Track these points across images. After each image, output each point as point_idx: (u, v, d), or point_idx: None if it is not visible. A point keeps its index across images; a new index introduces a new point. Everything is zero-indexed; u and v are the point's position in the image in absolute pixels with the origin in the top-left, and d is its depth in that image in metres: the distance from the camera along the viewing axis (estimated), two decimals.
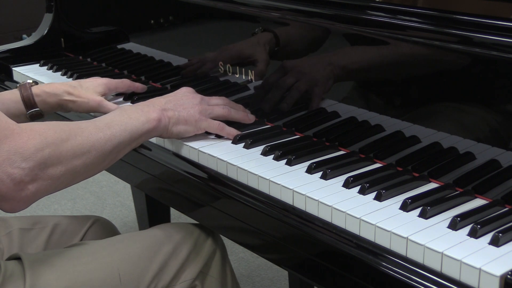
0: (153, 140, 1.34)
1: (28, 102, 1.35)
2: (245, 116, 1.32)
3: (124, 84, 1.50)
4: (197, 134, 1.29)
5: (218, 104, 1.30)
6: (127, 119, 1.15)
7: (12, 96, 1.36)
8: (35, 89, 1.37)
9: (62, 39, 1.95)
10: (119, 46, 1.79)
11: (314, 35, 1.29)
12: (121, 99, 1.53)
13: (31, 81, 1.41)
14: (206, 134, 1.30)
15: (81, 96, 1.39)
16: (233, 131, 1.28)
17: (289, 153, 1.18)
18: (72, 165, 1.04)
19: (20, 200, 1.00)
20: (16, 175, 0.97)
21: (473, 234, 0.91)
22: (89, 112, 1.43)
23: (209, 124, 1.27)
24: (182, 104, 1.25)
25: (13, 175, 0.97)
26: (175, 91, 1.30)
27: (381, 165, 1.16)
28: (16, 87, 1.38)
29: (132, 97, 1.52)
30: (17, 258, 1.15)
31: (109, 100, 1.47)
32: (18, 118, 1.35)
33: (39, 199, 1.03)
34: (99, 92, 1.42)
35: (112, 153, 1.11)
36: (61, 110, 1.42)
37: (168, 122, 1.21)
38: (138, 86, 1.52)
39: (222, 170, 1.19)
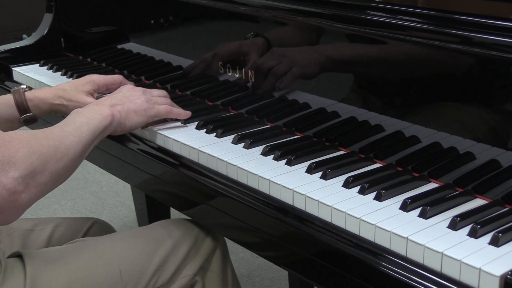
0: (153, 140, 1.34)
1: (22, 107, 1.36)
2: (182, 111, 1.37)
3: (115, 80, 1.48)
4: (195, 132, 1.30)
5: (160, 95, 1.36)
6: (87, 120, 1.17)
7: (5, 101, 1.36)
8: (28, 94, 1.38)
9: (62, 39, 1.96)
10: (119, 46, 1.79)
11: (306, 39, 1.29)
12: None
13: (24, 86, 1.42)
14: (204, 133, 1.30)
15: (71, 99, 1.39)
16: (181, 111, 1.35)
17: (289, 153, 1.18)
18: (55, 169, 1.06)
19: (14, 210, 1.01)
20: (10, 185, 0.98)
21: (473, 234, 0.91)
22: None
23: (158, 110, 1.32)
24: (127, 97, 1.30)
25: (8, 185, 0.98)
26: (117, 90, 1.35)
27: (381, 165, 1.16)
28: (10, 92, 1.38)
29: None
30: (18, 255, 1.15)
31: None
32: (12, 123, 1.36)
33: (28, 208, 1.04)
34: (87, 90, 1.42)
35: (81, 153, 1.13)
36: (54, 114, 1.43)
37: (120, 116, 1.24)
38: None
39: (222, 170, 1.20)
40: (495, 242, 0.89)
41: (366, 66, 1.21)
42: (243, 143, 1.25)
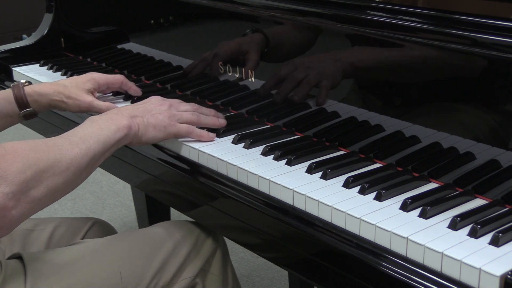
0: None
1: (21, 102, 1.35)
2: (215, 121, 1.30)
3: (116, 80, 1.46)
4: None
5: (188, 110, 1.28)
6: (99, 130, 1.12)
7: (5, 96, 1.35)
8: (27, 89, 1.36)
9: (62, 39, 1.96)
10: (119, 46, 1.79)
11: (303, 37, 1.28)
12: (121, 100, 1.53)
13: (24, 81, 1.40)
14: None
15: (71, 96, 1.37)
16: (204, 133, 1.26)
17: (289, 153, 1.18)
18: (53, 185, 1.02)
19: (3, 226, 0.97)
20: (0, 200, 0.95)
21: (473, 234, 0.91)
22: (82, 112, 1.42)
23: (179, 129, 1.24)
24: (150, 110, 1.23)
25: None
26: (144, 100, 1.29)
27: (381, 165, 1.16)
28: (10, 88, 1.38)
29: (132, 97, 1.51)
30: (18, 257, 1.15)
31: (109, 101, 1.47)
32: (11, 118, 1.35)
33: (22, 222, 1.01)
34: (88, 88, 1.40)
35: (88, 166, 1.09)
36: (54, 109, 1.42)
37: (137, 129, 1.19)
38: (131, 87, 1.49)
39: (222, 170, 1.20)
40: (495, 242, 0.89)
41: (370, 65, 1.21)
42: (243, 143, 1.25)
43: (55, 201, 1.06)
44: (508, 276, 0.82)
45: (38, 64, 1.85)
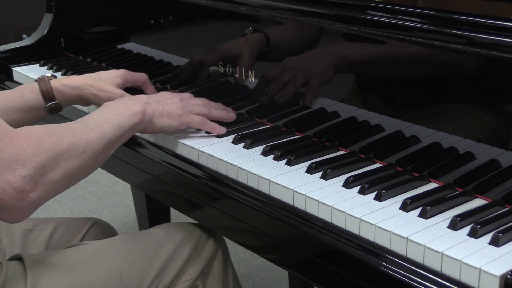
0: (153, 139, 1.34)
1: (47, 95, 1.35)
2: (225, 114, 1.33)
3: (141, 77, 1.48)
4: (195, 133, 1.30)
5: (197, 104, 1.31)
6: (114, 115, 1.15)
7: (31, 89, 1.36)
8: (53, 82, 1.37)
9: (62, 39, 1.95)
10: (119, 46, 1.79)
11: (305, 35, 1.28)
12: None
13: (49, 74, 1.40)
14: (204, 133, 1.30)
15: (102, 89, 1.38)
16: (216, 126, 1.30)
17: (289, 153, 1.18)
18: (69, 168, 1.03)
19: (23, 209, 0.99)
20: (17, 183, 0.96)
21: (473, 234, 0.91)
22: None
23: (192, 119, 1.28)
24: (164, 100, 1.27)
25: (15, 183, 0.96)
26: (155, 94, 1.32)
27: (381, 165, 1.16)
28: (35, 81, 1.38)
29: None
30: (18, 258, 1.15)
31: None
32: (37, 111, 1.35)
33: (40, 206, 1.02)
34: (117, 83, 1.41)
35: (104, 151, 1.11)
36: (80, 103, 1.42)
37: (152, 114, 1.22)
38: (151, 87, 1.51)
39: (222, 170, 1.20)
40: (495, 242, 0.89)
41: (367, 60, 1.21)
42: (243, 143, 1.25)
43: (72, 185, 1.07)
44: (508, 276, 0.82)
45: (38, 64, 1.85)
